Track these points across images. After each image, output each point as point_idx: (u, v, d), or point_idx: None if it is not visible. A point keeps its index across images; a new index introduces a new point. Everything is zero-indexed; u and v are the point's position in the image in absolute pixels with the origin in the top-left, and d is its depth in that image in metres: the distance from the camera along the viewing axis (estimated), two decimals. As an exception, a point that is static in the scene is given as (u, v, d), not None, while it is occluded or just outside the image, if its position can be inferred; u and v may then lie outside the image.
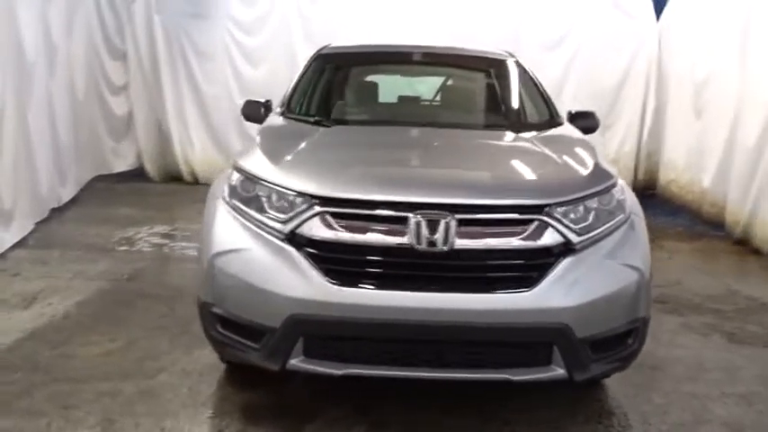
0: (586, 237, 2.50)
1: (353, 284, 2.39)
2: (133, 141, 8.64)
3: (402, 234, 2.39)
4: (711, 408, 3.02)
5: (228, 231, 2.62)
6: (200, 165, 8.62)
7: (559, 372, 2.44)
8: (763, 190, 6.04)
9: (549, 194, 2.53)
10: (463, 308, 2.36)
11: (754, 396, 3.15)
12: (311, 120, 3.47)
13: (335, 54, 4.23)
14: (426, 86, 4.19)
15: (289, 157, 2.78)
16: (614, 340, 2.55)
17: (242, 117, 4.12)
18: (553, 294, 2.40)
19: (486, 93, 4.15)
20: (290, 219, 2.49)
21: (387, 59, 4.30)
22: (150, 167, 8.61)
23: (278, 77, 8.31)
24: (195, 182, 8.66)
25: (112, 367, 3.24)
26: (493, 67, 4.09)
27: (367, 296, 2.37)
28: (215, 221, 2.69)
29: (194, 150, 8.58)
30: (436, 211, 2.38)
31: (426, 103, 4.22)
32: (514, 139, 3.25)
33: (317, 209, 2.46)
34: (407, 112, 3.98)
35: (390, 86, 4.32)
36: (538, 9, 7.89)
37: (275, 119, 3.40)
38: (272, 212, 2.56)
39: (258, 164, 2.74)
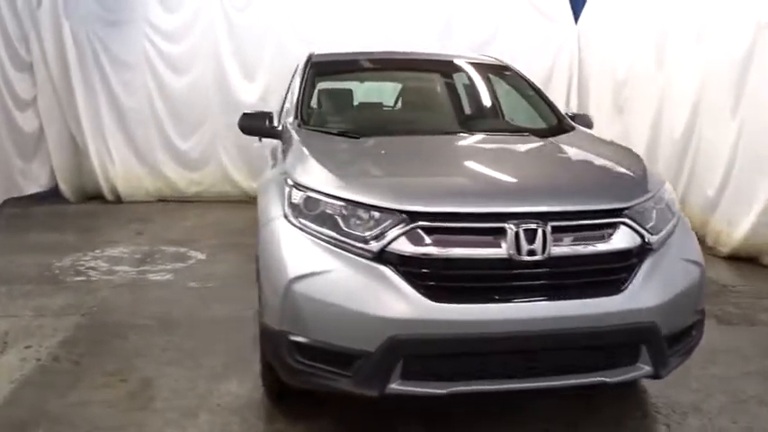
0: (659, 236, 2.58)
1: (453, 300, 2.32)
2: (45, 160, 7.90)
3: (497, 245, 2.35)
4: (742, 387, 3.22)
5: (304, 253, 2.46)
6: (122, 182, 8.06)
7: (646, 369, 2.50)
8: (690, 179, 6.57)
9: (627, 197, 2.58)
10: (562, 315, 2.36)
11: (768, 372, 3.40)
12: (334, 131, 3.33)
13: (331, 62, 4.09)
14: (429, 93, 4.15)
15: (356, 172, 2.65)
16: (684, 333, 2.66)
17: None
18: (641, 295, 2.45)
19: (496, 99, 4.18)
20: (378, 236, 2.38)
21: (386, 66, 4.22)
22: (65, 187, 7.94)
23: (204, 87, 7.97)
24: (118, 200, 8.08)
25: (142, 413, 2.93)
26: (495, 73, 4.13)
27: (468, 311, 2.31)
28: (282, 244, 2.52)
29: (115, 166, 8.01)
30: (534, 221, 2.37)
31: (439, 109, 4.19)
32: (557, 144, 3.30)
33: (410, 224, 2.36)
34: (428, 120, 3.92)
35: (391, 93, 4.24)
36: (464, 12, 8.07)
37: (300, 131, 3.22)
38: (354, 230, 2.43)
39: (326, 180, 2.58)
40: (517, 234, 2.34)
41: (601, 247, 2.45)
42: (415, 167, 2.88)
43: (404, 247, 2.35)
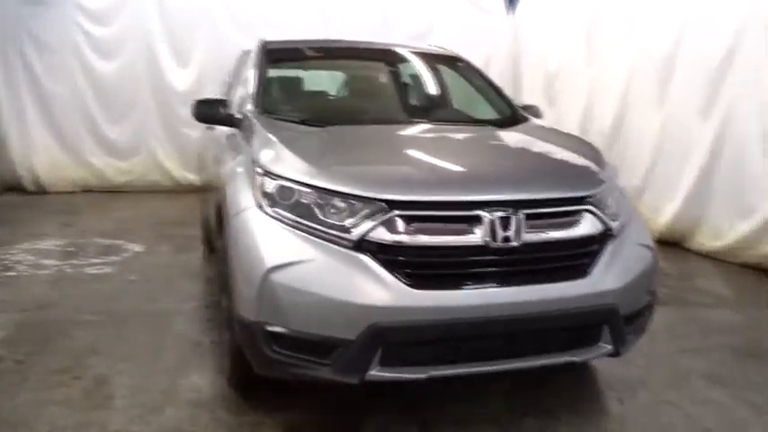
0: (618, 222, 2.71)
1: (431, 287, 2.36)
2: (-43, 149, 7.42)
3: (472, 232, 2.41)
4: (682, 363, 3.44)
5: (280, 243, 2.43)
6: (45, 171, 7.68)
7: (607, 348, 2.63)
8: (619, 169, 6.88)
9: (590, 185, 2.70)
10: (534, 299, 2.44)
11: (704, 349, 3.64)
12: (297, 120, 3.28)
13: (286, 50, 4.03)
14: (387, 83, 4.15)
15: (331, 161, 2.64)
16: (639, 313, 2.81)
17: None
18: (604, 278, 2.57)
19: (447, 89, 4.24)
20: (358, 225, 2.39)
21: (343, 55, 4.19)
22: (-20, 178, 7.48)
23: (134, 72, 7.68)
24: (40, 191, 7.69)
25: (103, 411, 2.82)
26: (449, 64, 4.19)
27: (446, 297, 2.36)
28: (256, 234, 2.48)
29: (37, 155, 7.60)
30: (507, 208, 2.44)
31: (399, 99, 4.20)
32: (517, 134, 3.39)
33: (389, 213, 2.38)
34: (390, 110, 3.92)
35: (348, 82, 4.21)
36: (402, 3, 8.13)
37: (263, 120, 3.16)
38: (331, 219, 2.43)
39: (301, 169, 2.55)
40: (492, 222, 2.41)
41: (568, 233, 2.55)
42: (387, 157, 2.90)
43: (383, 235, 2.37)
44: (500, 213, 2.42)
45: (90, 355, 3.36)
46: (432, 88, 4.15)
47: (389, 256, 2.37)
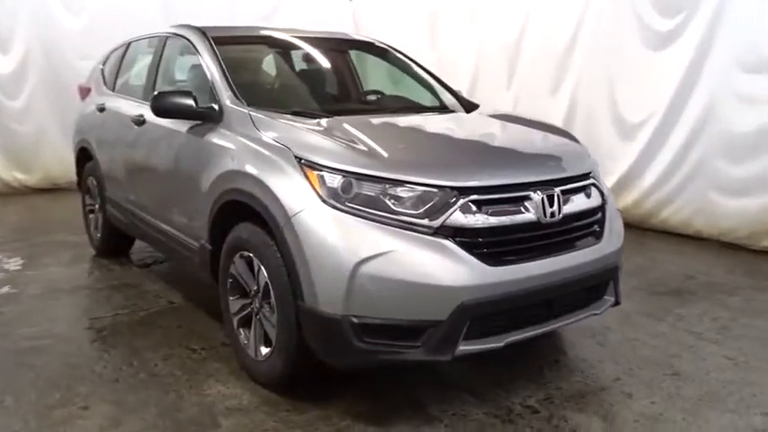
0: (606, 192, 3.18)
1: (502, 263, 2.58)
2: None
3: (528, 210, 2.68)
4: (629, 311, 4.07)
5: (362, 236, 2.47)
6: None
7: (611, 300, 3.09)
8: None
9: (590, 162, 3.14)
10: (573, 264, 2.80)
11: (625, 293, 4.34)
12: (287, 111, 3.20)
13: (230, 37, 3.85)
14: (342, 73, 4.13)
15: (385, 151, 2.69)
16: (620, 267, 3.31)
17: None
18: (611, 240, 3.02)
19: (399, 76, 4.36)
20: (435, 211, 2.52)
21: (282, 44, 4.07)
22: None
23: None
24: None
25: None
26: (382, 53, 4.34)
27: (516, 270, 2.60)
28: (335, 230, 2.50)
29: None
30: (551, 187, 2.75)
31: (356, 87, 4.19)
32: (500, 120, 3.67)
33: (463, 198, 2.55)
34: (361, 99, 3.92)
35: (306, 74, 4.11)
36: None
37: (259, 113, 3.06)
38: (404, 209, 2.53)
39: (361, 161, 2.61)
40: (542, 199, 2.71)
41: (587, 204, 2.95)
42: (427, 146, 3.06)
43: (460, 219, 2.54)
44: (548, 192, 2.73)
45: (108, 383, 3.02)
46: (391, 78, 4.28)
47: (466, 239, 2.54)
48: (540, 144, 3.29)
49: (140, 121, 3.95)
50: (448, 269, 2.48)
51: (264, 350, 2.93)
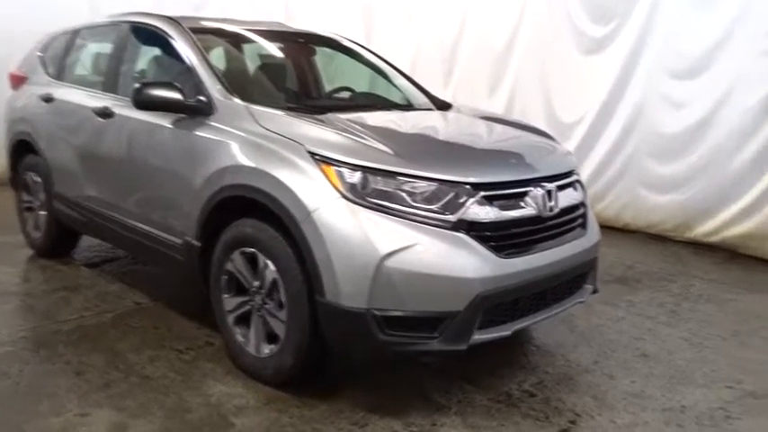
0: (584, 188, 3.40)
1: (512, 255, 2.71)
2: None
3: (530, 205, 2.83)
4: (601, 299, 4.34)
5: (385, 231, 2.52)
6: None
7: (591, 288, 3.31)
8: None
9: (573, 159, 3.35)
10: (569, 254, 2.98)
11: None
12: (282, 107, 3.17)
13: (208, 29, 3.73)
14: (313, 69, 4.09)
15: (399, 148, 2.74)
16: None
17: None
18: (593, 232, 3.24)
19: (375, 73, 4.38)
20: (452, 206, 2.61)
21: (247, 38, 3.99)
22: None
23: None
24: None
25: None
26: (344, 49, 4.36)
27: (525, 261, 2.74)
28: (358, 225, 2.53)
29: None
30: (549, 183, 2.91)
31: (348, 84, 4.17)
32: (485, 120, 3.75)
33: (478, 194, 2.66)
34: (351, 95, 3.89)
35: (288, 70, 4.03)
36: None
37: (257, 108, 3.03)
38: (422, 203, 2.60)
39: (378, 158, 2.65)
40: (543, 194, 2.86)
41: (575, 198, 3.14)
42: (434, 142, 3.14)
43: (476, 214, 2.65)
44: (548, 187, 2.89)
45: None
46: (373, 75, 4.32)
47: (479, 232, 2.65)
48: (532, 143, 3.45)
49: (106, 114, 3.76)
50: (466, 262, 2.58)
51: (267, 347, 2.91)
